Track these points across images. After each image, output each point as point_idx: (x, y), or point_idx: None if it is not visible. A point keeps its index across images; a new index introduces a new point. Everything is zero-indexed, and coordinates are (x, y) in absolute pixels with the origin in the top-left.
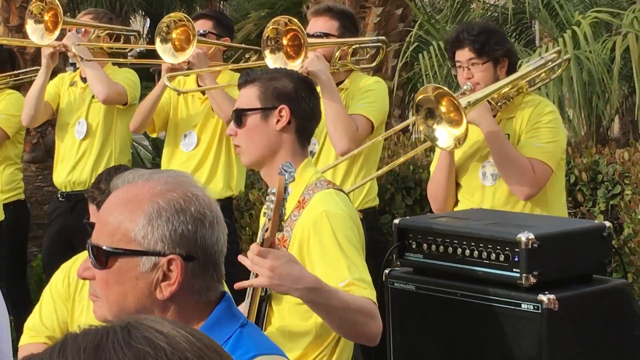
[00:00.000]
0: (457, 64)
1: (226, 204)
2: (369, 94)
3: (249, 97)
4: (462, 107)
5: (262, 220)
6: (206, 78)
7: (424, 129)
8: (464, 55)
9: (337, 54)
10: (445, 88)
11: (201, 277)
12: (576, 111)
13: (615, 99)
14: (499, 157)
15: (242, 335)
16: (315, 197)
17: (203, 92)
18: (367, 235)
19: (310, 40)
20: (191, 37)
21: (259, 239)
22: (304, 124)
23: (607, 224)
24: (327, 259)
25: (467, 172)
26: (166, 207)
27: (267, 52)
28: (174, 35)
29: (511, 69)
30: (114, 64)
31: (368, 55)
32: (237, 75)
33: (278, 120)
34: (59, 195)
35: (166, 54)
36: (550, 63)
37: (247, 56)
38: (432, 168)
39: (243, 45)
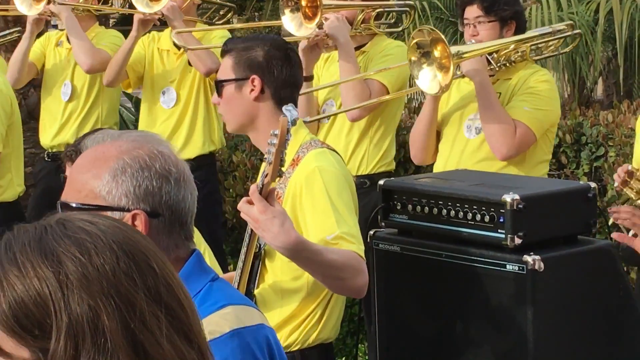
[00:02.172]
0: (465, 21)
1: (210, 159)
2: (387, 58)
3: (225, 67)
4: (451, 54)
5: (263, 165)
6: (187, 34)
7: (415, 64)
8: (472, 12)
9: (360, 16)
10: (440, 33)
11: (167, 235)
12: (560, 73)
13: (598, 61)
14: (485, 111)
15: (211, 288)
16: (308, 154)
17: (178, 47)
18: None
19: (331, 2)
20: None
21: (258, 183)
22: (279, 91)
23: (593, 184)
24: (317, 212)
25: (452, 123)
26: (131, 164)
27: (287, 11)
28: None
29: (518, 33)
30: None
31: (393, 20)
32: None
33: (252, 90)
34: (45, 156)
35: (139, 3)
36: (558, 33)
37: (221, 13)
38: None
39: (217, 0)
